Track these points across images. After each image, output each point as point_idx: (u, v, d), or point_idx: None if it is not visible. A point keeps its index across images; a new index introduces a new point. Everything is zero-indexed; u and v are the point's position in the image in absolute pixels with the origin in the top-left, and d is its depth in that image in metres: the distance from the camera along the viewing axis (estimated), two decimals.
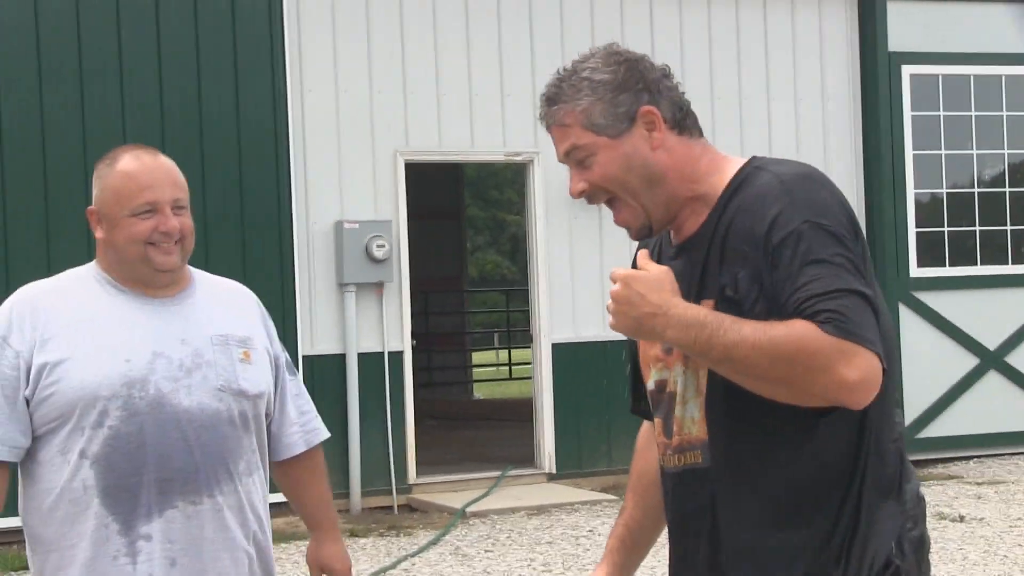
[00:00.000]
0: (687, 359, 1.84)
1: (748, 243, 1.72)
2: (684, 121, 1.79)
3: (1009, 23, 11.13)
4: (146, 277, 2.49)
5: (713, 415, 1.78)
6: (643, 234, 1.89)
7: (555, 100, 1.79)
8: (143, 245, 2.42)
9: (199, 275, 2.69)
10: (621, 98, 1.76)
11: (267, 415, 2.65)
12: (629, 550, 2.09)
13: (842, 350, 1.57)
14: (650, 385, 1.97)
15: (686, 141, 1.79)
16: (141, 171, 2.47)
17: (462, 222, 17.53)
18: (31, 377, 2.42)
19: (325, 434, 2.82)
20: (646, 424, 2.13)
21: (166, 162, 2.52)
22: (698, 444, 1.84)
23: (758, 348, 1.61)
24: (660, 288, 1.71)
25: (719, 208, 1.78)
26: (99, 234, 2.52)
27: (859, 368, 1.57)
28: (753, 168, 1.76)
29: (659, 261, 1.92)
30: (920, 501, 1.87)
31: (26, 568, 3.04)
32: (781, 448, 1.79)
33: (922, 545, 1.84)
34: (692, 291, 1.81)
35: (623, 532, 2.10)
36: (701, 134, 1.84)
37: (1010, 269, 10.81)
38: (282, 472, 2.78)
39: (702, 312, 1.69)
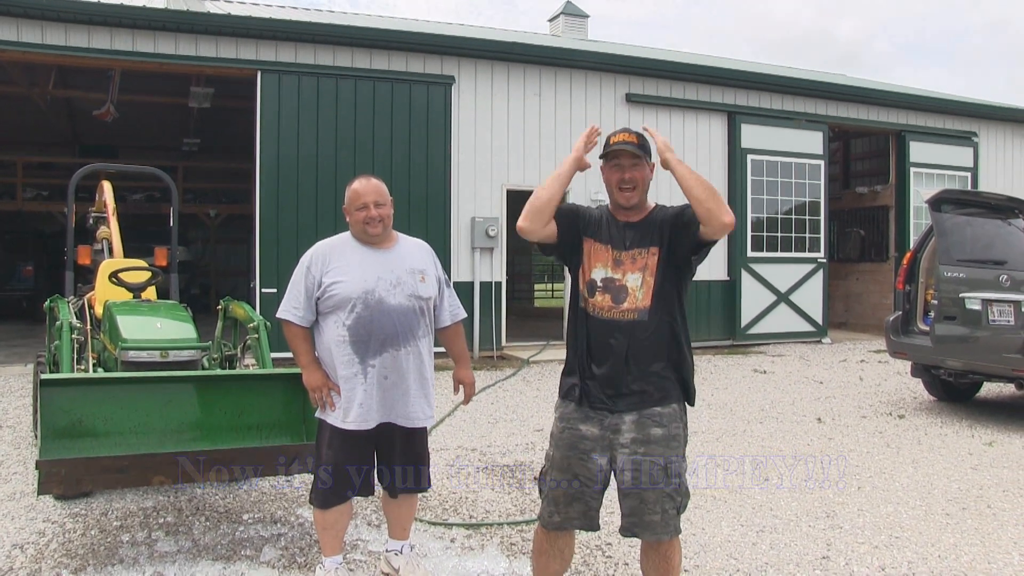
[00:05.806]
0: (642, 271, 2.50)
1: (667, 221, 2.67)
2: None
3: (796, 137, 13.17)
4: (366, 239, 3.17)
5: (655, 299, 2.58)
6: (632, 202, 2.70)
7: (641, 134, 2.70)
8: (362, 224, 3.16)
9: (402, 237, 3.33)
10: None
11: (434, 307, 3.37)
12: None
13: (727, 206, 2.40)
14: (595, 276, 2.57)
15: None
16: (360, 187, 3.21)
17: None
18: (320, 287, 3.18)
19: (463, 315, 3.43)
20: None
21: (375, 181, 3.22)
22: (643, 310, 2.55)
23: (700, 177, 2.49)
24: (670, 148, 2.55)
25: (650, 214, 2.74)
26: (347, 219, 3.19)
27: (732, 216, 2.45)
28: (658, 204, 2.80)
29: (610, 228, 2.64)
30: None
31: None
32: (677, 322, 2.63)
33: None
34: (646, 241, 2.58)
35: None
36: None
37: (792, 254, 13.71)
38: (441, 334, 3.41)
39: (682, 163, 2.52)
